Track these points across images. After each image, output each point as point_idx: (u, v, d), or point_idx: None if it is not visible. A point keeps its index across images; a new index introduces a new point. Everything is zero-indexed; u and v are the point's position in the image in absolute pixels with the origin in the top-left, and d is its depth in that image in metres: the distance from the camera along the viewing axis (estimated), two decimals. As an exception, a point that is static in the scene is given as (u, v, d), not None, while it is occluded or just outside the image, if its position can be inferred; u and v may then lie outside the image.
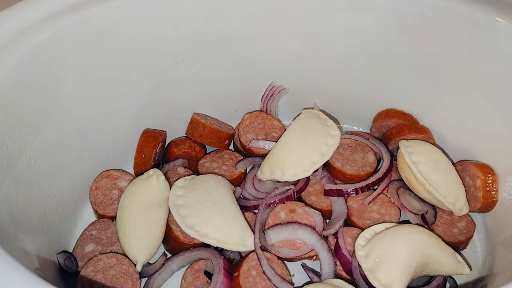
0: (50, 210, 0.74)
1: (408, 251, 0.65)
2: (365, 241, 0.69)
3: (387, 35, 0.79)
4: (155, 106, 0.87)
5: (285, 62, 0.87)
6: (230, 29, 0.81)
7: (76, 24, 0.69)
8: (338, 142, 0.78)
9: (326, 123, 0.81)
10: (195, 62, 0.84)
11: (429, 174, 0.74)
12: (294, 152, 0.77)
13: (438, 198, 0.73)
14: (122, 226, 0.71)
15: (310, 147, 0.77)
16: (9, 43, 0.64)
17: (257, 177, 0.80)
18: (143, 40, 0.77)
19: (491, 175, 0.76)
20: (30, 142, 0.68)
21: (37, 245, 0.67)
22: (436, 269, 0.67)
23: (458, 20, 0.73)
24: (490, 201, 0.76)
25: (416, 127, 0.83)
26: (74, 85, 0.74)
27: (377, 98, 0.88)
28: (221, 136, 0.87)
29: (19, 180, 0.65)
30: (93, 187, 0.80)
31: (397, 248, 0.66)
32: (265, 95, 0.91)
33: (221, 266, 0.67)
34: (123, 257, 0.71)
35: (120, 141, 0.85)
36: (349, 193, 0.76)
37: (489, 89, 0.76)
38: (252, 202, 0.78)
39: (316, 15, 0.80)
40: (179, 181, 0.76)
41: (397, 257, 0.65)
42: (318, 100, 0.92)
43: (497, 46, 0.72)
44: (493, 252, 0.75)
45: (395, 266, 0.64)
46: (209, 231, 0.69)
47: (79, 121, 0.77)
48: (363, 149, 0.83)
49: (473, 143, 0.81)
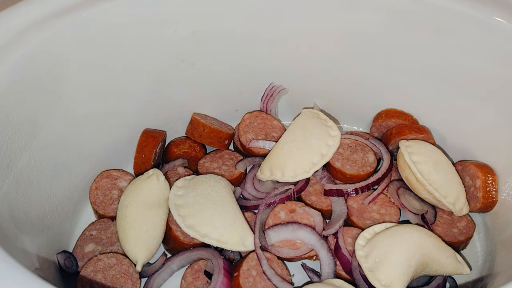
0: (50, 210, 0.74)
1: (408, 251, 0.65)
2: (365, 241, 0.69)
3: (387, 35, 0.79)
4: (155, 106, 0.87)
5: (285, 62, 0.87)
6: (230, 29, 0.81)
7: (76, 24, 0.69)
8: (339, 143, 0.78)
9: (326, 123, 0.81)
10: (195, 62, 0.84)
11: (429, 174, 0.74)
12: (294, 152, 0.77)
13: (438, 198, 0.73)
14: (122, 226, 0.71)
15: (311, 148, 0.77)
16: (9, 42, 0.64)
17: (257, 177, 0.80)
18: (143, 40, 0.77)
19: (491, 175, 0.76)
20: (30, 142, 0.68)
21: (37, 245, 0.67)
22: (436, 269, 0.67)
23: (458, 20, 0.73)
24: (490, 201, 0.76)
25: (416, 127, 0.83)
26: (74, 85, 0.74)
27: (377, 98, 0.88)
28: (221, 136, 0.87)
29: (19, 180, 0.65)
30: (93, 187, 0.80)
31: (397, 248, 0.66)
32: (265, 95, 0.91)
33: (221, 266, 0.67)
34: (123, 257, 0.71)
35: (120, 141, 0.85)
36: (349, 193, 0.76)
37: (489, 89, 0.76)
38: (252, 202, 0.78)
39: (316, 15, 0.80)
40: (179, 181, 0.76)
41: (397, 257, 0.65)
42: (318, 100, 0.92)
43: (497, 46, 0.72)
44: (493, 252, 0.75)
45: (395, 266, 0.64)
46: (209, 231, 0.69)
47: (79, 121, 0.77)
48: (363, 149, 0.83)
49: (473, 143, 0.81)
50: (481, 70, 0.75)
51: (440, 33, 0.76)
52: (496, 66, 0.73)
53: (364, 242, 0.69)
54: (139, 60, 0.79)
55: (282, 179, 0.76)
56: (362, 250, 0.68)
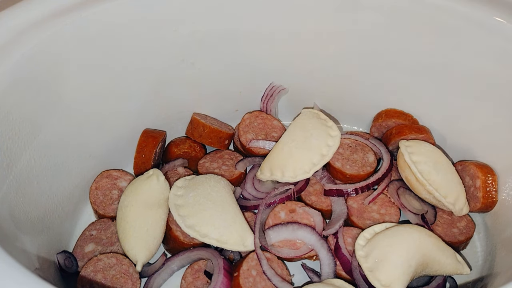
0: (50, 210, 0.74)
1: (408, 251, 0.65)
2: (365, 241, 0.69)
3: (387, 35, 0.79)
4: (155, 106, 0.87)
5: (285, 62, 0.87)
6: (230, 29, 0.81)
7: (76, 24, 0.69)
8: (339, 143, 0.78)
9: (326, 123, 0.81)
10: (195, 62, 0.84)
11: (429, 174, 0.74)
12: (295, 153, 0.77)
13: (438, 198, 0.73)
14: (122, 226, 0.71)
15: (311, 148, 0.77)
16: (9, 42, 0.64)
17: (257, 177, 0.80)
18: (143, 40, 0.77)
19: (491, 175, 0.76)
20: (30, 142, 0.68)
21: (37, 245, 0.67)
22: (436, 269, 0.67)
23: (458, 20, 0.73)
24: (490, 201, 0.76)
25: (416, 127, 0.83)
26: (74, 85, 0.74)
27: (377, 98, 0.88)
28: (221, 136, 0.87)
29: (19, 180, 0.65)
30: (93, 187, 0.80)
31: (397, 247, 0.66)
32: (265, 95, 0.91)
33: (221, 266, 0.67)
34: (123, 257, 0.71)
35: (120, 140, 0.85)
36: (349, 193, 0.76)
37: (489, 89, 0.76)
38: (252, 202, 0.78)
39: (316, 14, 0.80)
40: (179, 181, 0.76)
41: (397, 256, 0.65)
42: (318, 100, 0.92)
43: (497, 46, 0.72)
44: (493, 252, 0.75)
45: (395, 265, 0.64)
46: (209, 231, 0.69)
47: (79, 121, 0.77)
48: (363, 149, 0.83)
49: (473, 143, 0.81)
50: (481, 70, 0.75)
51: (440, 33, 0.76)
52: (496, 66, 0.73)
53: (364, 242, 0.69)
54: (139, 60, 0.79)
55: (282, 179, 0.76)
56: (362, 250, 0.68)
